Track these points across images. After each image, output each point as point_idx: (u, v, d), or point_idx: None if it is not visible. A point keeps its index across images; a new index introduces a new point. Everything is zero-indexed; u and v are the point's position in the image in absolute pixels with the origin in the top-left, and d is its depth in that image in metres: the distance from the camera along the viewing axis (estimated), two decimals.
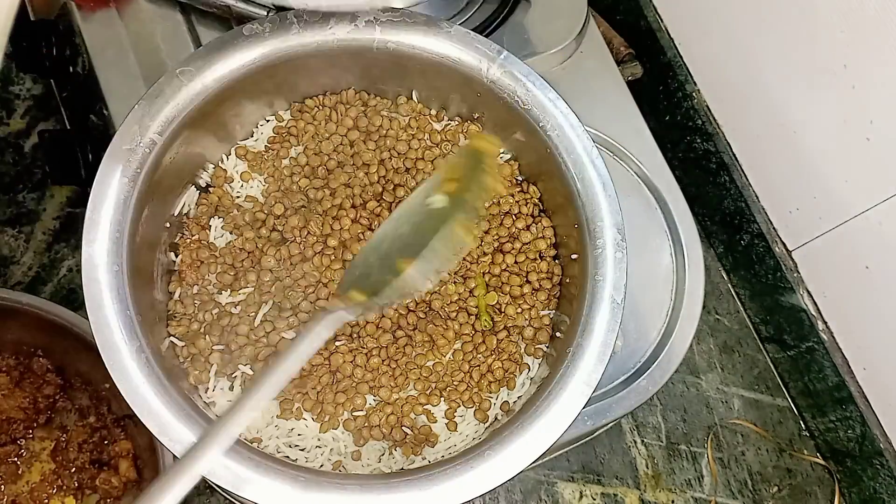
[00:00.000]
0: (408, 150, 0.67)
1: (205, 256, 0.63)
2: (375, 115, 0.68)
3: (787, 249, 0.98)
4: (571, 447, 0.91)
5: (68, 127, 0.94)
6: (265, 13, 0.65)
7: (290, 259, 0.63)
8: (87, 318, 0.52)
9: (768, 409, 1.03)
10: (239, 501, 0.77)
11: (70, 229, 0.92)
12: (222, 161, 0.67)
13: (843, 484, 1.00)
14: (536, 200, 0.68)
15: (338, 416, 0.60)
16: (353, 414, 0.61)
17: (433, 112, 0.69)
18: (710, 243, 1.09)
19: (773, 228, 0.99)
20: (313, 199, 0.65)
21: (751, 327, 1.07)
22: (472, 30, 0.63)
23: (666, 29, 1.05)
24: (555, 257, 0.67)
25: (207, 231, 0.64)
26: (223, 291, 0.63)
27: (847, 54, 0.81)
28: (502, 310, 0.64)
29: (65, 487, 0.73)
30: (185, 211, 0.65)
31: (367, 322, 0.62)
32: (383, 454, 0.61)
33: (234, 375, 0.60)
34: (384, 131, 0.68)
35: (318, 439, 0.60)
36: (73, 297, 0.89)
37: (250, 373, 0.60)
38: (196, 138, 0.62)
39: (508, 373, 0.63)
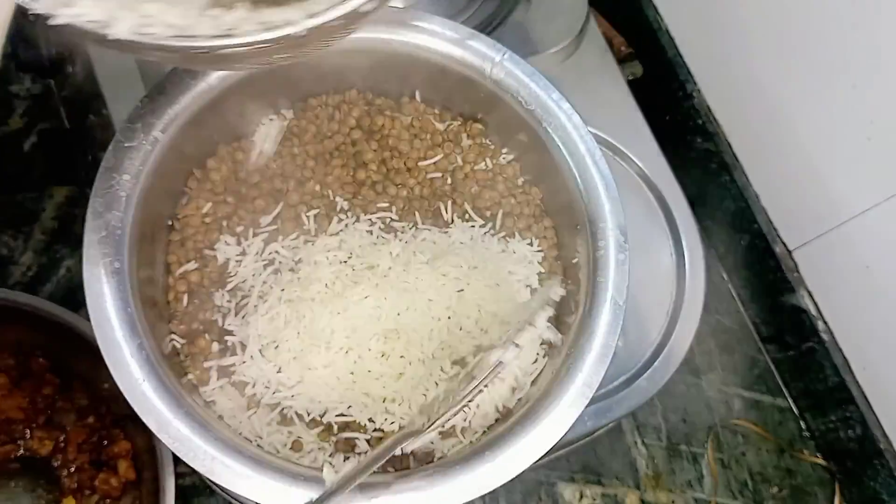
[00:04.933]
0: (410, 150, 0.67)
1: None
2: (378, 115, 0.67)
3: (787, 249, 0.98)
4: (572, 447, 0.91)
5: (68, 127, 0.94)
6: None
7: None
8: (87, 318, 0.52)
9: (768, 410, 1.03)
10: (239, 501, 0.77)
11: (69, 229, 0.92)
12: None
13: (843, 484, 1.00)
14: (538, 201, 0.68)
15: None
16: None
17: (436, 112, 0.69)
18: (710, 243, 1.09)
19: (773, 228, 0.99)
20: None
21: (751, 327, 1.07)
22: (473, 29, 0.63)
23: (666, 29, 1.05)
24: (557, 258, 0.67)
25: None
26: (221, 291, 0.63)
27: (847, 54, 0.81)
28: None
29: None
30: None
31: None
32: None
33: (233, 374, 0.60)
34: (386, 131, 0.67)
35: (319, 443, 0.60)
36: (73, 297, 0.89)
37: None
38: (199, 136, 0.62)
39: None
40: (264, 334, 0.59)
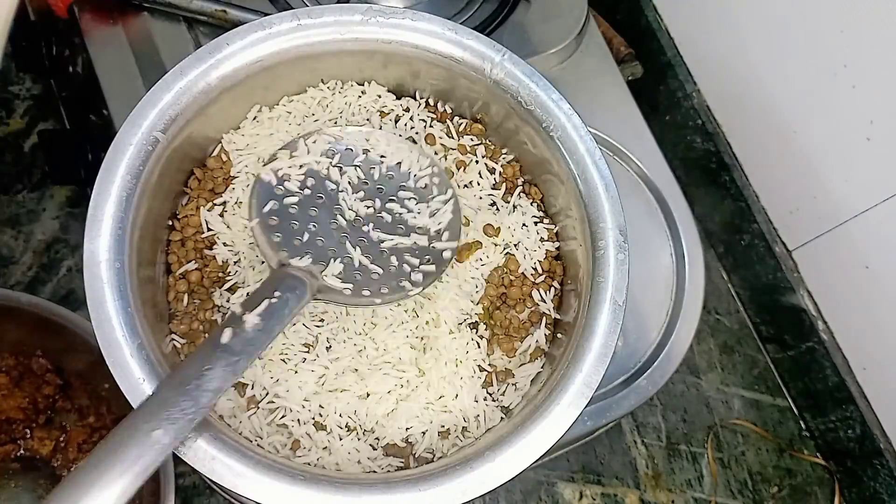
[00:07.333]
0: None
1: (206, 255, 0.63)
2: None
3: (787, 249, 0.98)
4: (571, 447, 0.91)
5: (68, 127, 0.94)
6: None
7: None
8: (87, 318, 0.52)
9: (768, 410, 1.03)
10: (239, 501, 0.77)
11: (69, 229, 0.92)
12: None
13: (843, 484, 1.00)
14: (539, 201, 0.68)
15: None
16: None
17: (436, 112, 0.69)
18: (710, 243, 1.09)
19: (773, 228, 0.99)
20: None
21: (751, 327, 1.07)
22: (473, 29, 0.63)
23: (666, 29, 1.05)
24: (556, 258, 0.67)
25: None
26: (221, 290, 0.63)
27: (847, 54, 0.81)
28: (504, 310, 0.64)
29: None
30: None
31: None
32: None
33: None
34: None
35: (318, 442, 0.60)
36: (73, 298, 0.89)
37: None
38: (199, 136, 0.62)
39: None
40: None
